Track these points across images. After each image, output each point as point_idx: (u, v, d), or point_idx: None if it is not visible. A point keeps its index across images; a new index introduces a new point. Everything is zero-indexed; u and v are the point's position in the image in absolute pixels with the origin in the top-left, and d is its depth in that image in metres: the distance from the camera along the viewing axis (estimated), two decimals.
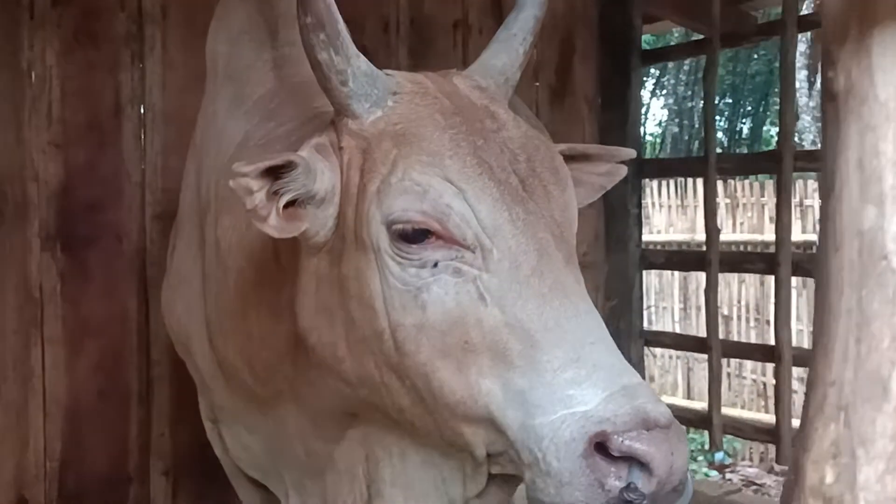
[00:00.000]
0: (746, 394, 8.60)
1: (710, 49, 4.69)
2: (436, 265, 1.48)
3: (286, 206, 1.57)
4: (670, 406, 1.53)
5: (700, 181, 11.05)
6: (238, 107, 2.27)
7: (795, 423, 4.43)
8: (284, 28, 2.32)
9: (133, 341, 3.60)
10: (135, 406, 3.62)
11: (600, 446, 1.37)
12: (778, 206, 4.44)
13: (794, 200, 6.07)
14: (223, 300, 2.07)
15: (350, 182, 1.59)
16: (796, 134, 7.01)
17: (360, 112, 1.59)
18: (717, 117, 33.18)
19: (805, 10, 8.78)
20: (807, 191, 8.80)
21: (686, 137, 29.47)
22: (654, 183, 9.94)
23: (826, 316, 0.98)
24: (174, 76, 3.62)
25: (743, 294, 8.61)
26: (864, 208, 0.89)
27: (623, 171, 1.96)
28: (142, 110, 3.59)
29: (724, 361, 4.99)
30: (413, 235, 1.49)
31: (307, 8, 1.51)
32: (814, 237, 9.00)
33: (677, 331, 9.11)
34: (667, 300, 9.57)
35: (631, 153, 1.98)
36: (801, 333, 7.97)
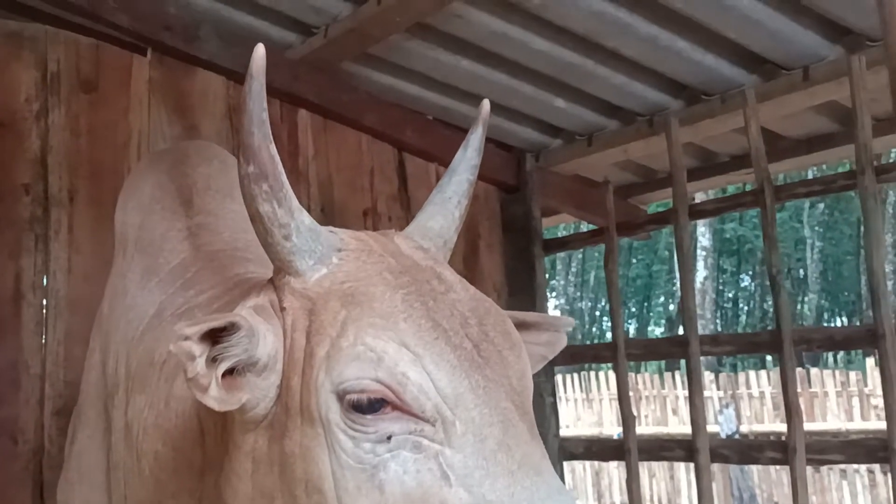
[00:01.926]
0: None
1: (609, 237, 4.88)
2: (392, 439, 1.32)
3: (224, 374, 1.41)
4: None
5: (602, 375, 11.34)
6: (150, 278, 2.14)
7: None
8: (198, 196, 2.25)
9: None
10: None
11: None
12: (690, 390, 4.48)
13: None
14: (135, 490, 1.85)
15: (295, 346, 1.44)
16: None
17: (304, 269, 1.47)
18: (605, 318, 34.55)
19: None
20: (705, 382, 9.00)
21: (579, 336, 30.26)
22: (559, 377, 10.00)
23: None
24: (80, 261, 3.50)
25: (655, 488, 8.52)
26: None
27: (564, 340, 1.86)
28: (44, 297, 3.43)
29: None
30: (367, 406, 1.33)
31: (249, 157, 1.42)
32: (715, 428, 9.12)
33: None
34: (581, 499, 9.38)
35: (570, 322, 1.92)
36: None
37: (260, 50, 1.38)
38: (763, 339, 4.62)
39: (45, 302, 3.44)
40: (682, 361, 4.56)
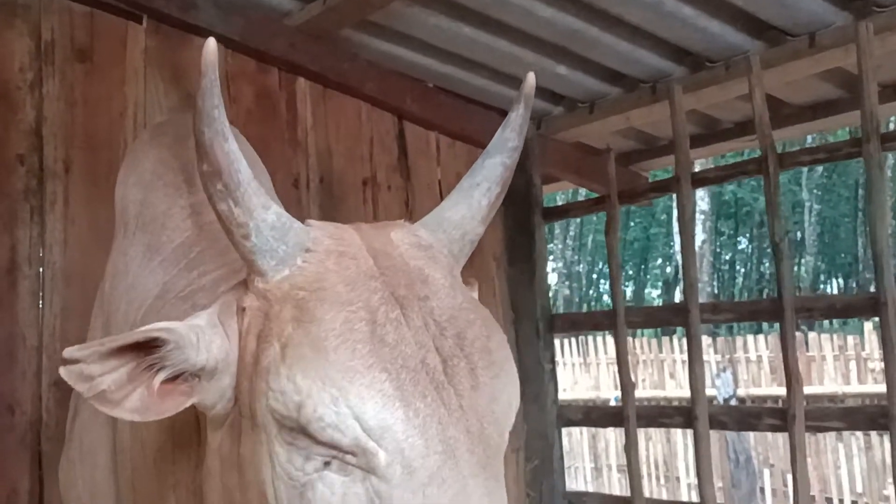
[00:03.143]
0: None
1: (610, 205, 4.84)
2: (319, 459, 1.27)
3: (168, 380, 1.37)
4: None
5: (600, 339, 11.37)
6: (152, 257, 2.10)
7: None
8: None
9: None
10: None
11: None
12: (690, 357, 4.47)
13: None
14: (142, 477, 1.83)
15: (247, 349, 1.39)
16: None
17: (265, 269, 1.39)
18: (602, 281, 34.63)
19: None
20: (702, 345, 9.01)
21: (576, 299, 30.34)
22: (557, 342, 10.01)
23: None
24: (76, 232, 3.45)
25: (651, 451, 8.59)
26: None
27: None
28: (40, 269, 3.38)
29: None
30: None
31: (202, 155, 1.35)
32: (712, 392, 9.16)
33: (591, 491, 8.94)
34: (578, 460, 9.44)
35: None
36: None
37: (211, 44, 1.29)
38: (764, 307, 4.62)
39: (41, 274, 3.39)
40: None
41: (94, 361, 1.32)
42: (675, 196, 4.65)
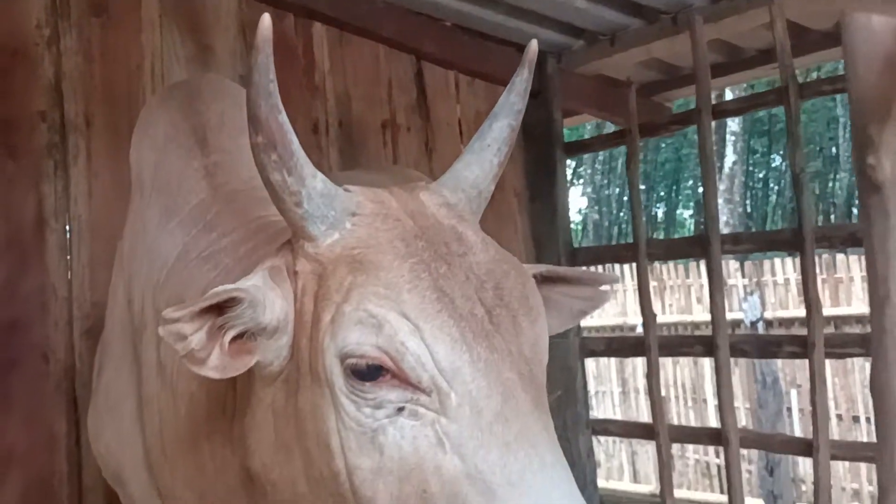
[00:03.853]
0: (691, 474, 8.59)
1: (630, 139, 4.82)
2: (391, 406, 1.37)
3: (233, 339, 1.46)
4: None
5: (626, 267, 11.36)
6: (170, 219, 2.15)
7: (748, 502, 4.44)
8: (213, 134, 2.23)
9: (63, 468, 3.38)
10: None
11: None
12: (711, 287, 4.50)
13: None
14: (171, 428, 1.91)
15: (304, 310, 1.47)
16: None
17: (316, 234, 1.48)
18: None
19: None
20: (729, 271, 9.02)
21: (606, 224, 30.23)
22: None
23: (887, 426, 0.88)
24: (100, 185, 3.52)
25: (678, 375, 8.68)
26: None
27: (606, 297, 1.85)
28: (67, 222, 3.47)
29: None
30: (367, 372, 1.37)
31: (258, 127, 1.41)
32: (739, 315, 9.19)
33: (619, 415, 9.09)
34: (605, 384, 9.58)
35: (614, 278, 1.89)
36: (737, 411, 8.03)
37: (265, 21, 1.35)
38: (784, 237, 4.62)
39: (67, 227, 3.48)
40: None
41: (186, 321, 1.41)
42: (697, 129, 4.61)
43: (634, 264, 4.84)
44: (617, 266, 9.68)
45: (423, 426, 1.35)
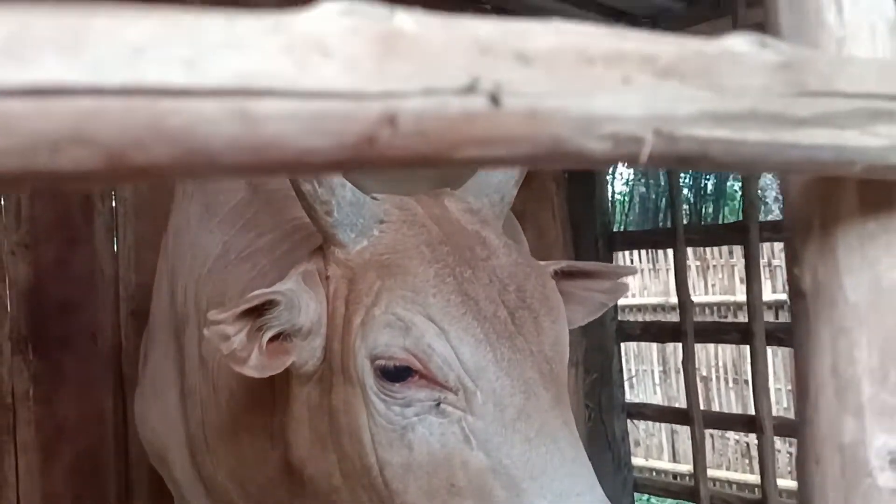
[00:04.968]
0: (731, 454, 8.58)
1: None
2: (420, 405, 1.46)
3: (270, 340, 1.54)
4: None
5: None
6: (210, 218, 2.24)
7: (781, 483, 4.45)
8: None
9: (110, 443, 3.51)
10: None
11: None
12: (748, 275, 4.48)
13: (762, 261, 6.19)
14: (212, 419, 2.00)
15: (336, 313, 1.56)
16: (759, 191, 7.20)
17: (346, 241, 1.56)
18: (682, 175, 33.94)
19: None
20: (774, 251, 8.89)
21: (653, 196, 29.90)
22: (625, 253, 9.99)
23: None
24: None
25: (720, 355, 8.64)
26: (842, 420, 0.82)
27: (626, 287, 1.94)
28: (113, 204, 3.57)
29: None
30: (396, 373, 1.46)
31: None
32: (784, 296, 9.10)
33: (658, 395, 9.11)
34: (646, 364, 9.57)
35: (633, 270, 1.94)
36: (779, 393, 8.01)
37: None
38: None
39: (114, 209, 3.58)
40: None
41: (229, 323, 1.49)
42: None
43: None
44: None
45: (451, 423, 1.44)
